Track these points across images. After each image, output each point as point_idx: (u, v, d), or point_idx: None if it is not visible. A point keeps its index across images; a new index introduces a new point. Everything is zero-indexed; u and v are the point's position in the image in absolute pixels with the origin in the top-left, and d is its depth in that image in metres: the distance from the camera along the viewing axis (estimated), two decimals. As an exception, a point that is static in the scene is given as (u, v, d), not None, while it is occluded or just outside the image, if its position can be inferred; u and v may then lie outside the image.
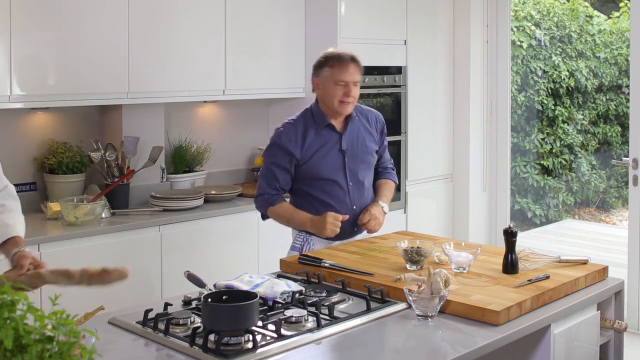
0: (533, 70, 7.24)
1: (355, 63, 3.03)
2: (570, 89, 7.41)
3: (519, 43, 7.06)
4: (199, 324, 2.06)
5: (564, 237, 7.22)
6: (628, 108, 5.60)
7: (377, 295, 2.34)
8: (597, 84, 7.51)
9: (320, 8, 4.55)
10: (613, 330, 2.60)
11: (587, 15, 7.61)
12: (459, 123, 5.33)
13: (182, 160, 4.36)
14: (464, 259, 2.58)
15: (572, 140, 7.44)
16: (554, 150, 7.36)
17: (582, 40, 7.49)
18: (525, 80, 7.23)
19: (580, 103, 7.51)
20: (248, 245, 4.08)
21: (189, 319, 2.12)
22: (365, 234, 3.17)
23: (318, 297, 2.32)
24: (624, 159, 4.67)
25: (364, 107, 3.26)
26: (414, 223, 4.88)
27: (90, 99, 3.78)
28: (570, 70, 7.37)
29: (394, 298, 2.33)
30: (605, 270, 2.64)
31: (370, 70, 4.64)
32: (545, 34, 7.33)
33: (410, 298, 2.20)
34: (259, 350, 1.91)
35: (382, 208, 3.12)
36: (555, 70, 7.30)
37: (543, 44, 7.36)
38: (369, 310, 2.23)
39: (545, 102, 7.32)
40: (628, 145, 4.77)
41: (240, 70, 4.31)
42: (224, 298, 2.03)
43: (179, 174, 4.32)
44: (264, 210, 3.09)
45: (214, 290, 2.30)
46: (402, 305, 2.29)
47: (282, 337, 2.00)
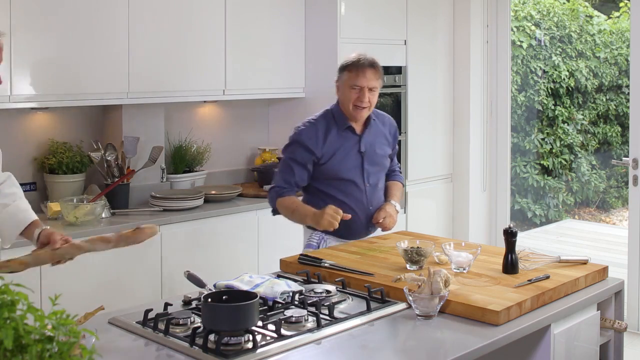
0: (533, 70, 7.24)
1: (373, 69, 3.09)
2: (570, 89, 7.41)
3: (519, 43, 7.06)
4: (199, 324, 2.06)
5: (564, 237, 7.22)
6: (628, 108, 5.60)
7: (377, 295, 2.34)
8: (597, 84, 7.51)
9: (320, 8, 4.55)
10: (613, 330, 2.60)
11: (587, 15, 7.61)
12: (459, 123, 5.33)
13: (182, 160, 4.36)
14: (464, 259, 2.58)
15: (572, 140, 7.44)
16: (554, 150, 7.37)
17: (582, 40, 7.49)
18: (525, 80, 7.23)
19: (580, 103, 7.51)
20: (248, 245, 4.08)
21: (189, 319, 2.11)
22: (379, 232, 3.25)
23: (318, 297, 2.32)
24: (624, 159, 4.67)
25: (379, 111, 3.34)
26: (414, 223, 4.88)
27: (90, 99, 3.78)
28: (570, 70, 7.37)
29: (394, 298, 2.33)
30: (605, 270, 2.64)
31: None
32: (545, 34, 7.33)
33: (410, 298, 2.20)
34: (259, 350, 1.91)
35: (395, 207, 3.22)
36: (555, 70, 7.31)
37: (543, 44, 7.36)
38: (369, 310, 2.23)
39: (545, 102, 7.32)
40: (628, 145, 4.77)
41: (240, 70, 4.31)
42: (224, 298, 2.03)
43: (179, 174, 4.32)
44: (273, 202, 3.13)
45: (214, 290, 2.30)
46: (402, 305, 2.29)
47: (282, 337, 2.00)
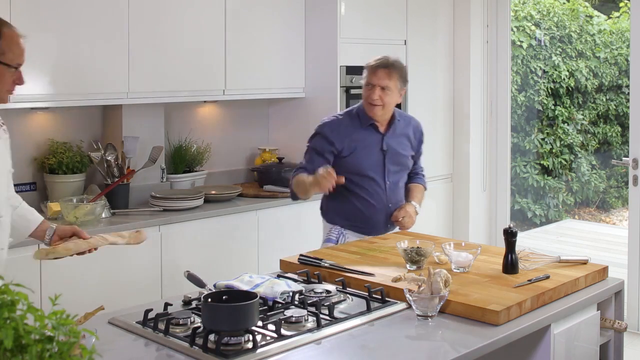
0: (533, 70, 7.24)
1: (386, 69, 3.20)
2: (570, 89, 7.41)
3: (519, 43, 7.06)
4: (199, 324, 2.06)
5: (564, 237, 7.22)
6: (628, 108, 5.60)
7: (377, 295, 2.34)
8: (597, 84, 7.51)
9: (320, 8, 4.55)
10: (613, 330, 2.60)
11: (587, 15, 7.61)
12: (459, 123, 5.33)
13: (182, 160, 4.36)
14: (464, 259, 2.58)
15: (572, 140, 7.44)
16: (554, 150, 7.37)
17: (582, 40, 7.49)
18: (525, 80, 7.23)
19: (580, 103, 7.52)
20: (248, 245, 4.07)
21: (189, 319, 2.12)
22: (397, 230, 3.35)
23: (318, 297, 2.32)
24: (624, 159, 4.67)
25: (407, 114, 3.48)
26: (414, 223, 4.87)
27: (90, 99, 3.78)
28: (570, 70, 7.37)
29: (394, 298, 2.33)
30: (605, 270, 2.64)
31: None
32: (545, 34, 7.34)
33: (410, 298, 2.20)
34: (259, 350, 1.91)
35: (415, 207, 3.33)
36: (555, 70, 7.31)
37: (543, 44, 7.36)
38: (369, 310, 2.23)
39: (545, 102, 7.32)
40: (628, 145, 4.77)
41: (240, 70, 4.31)
42: (224, 298, 2.03)
43: (179, 174, 4.32)
44: (291, 186, 3.27)
45: (214, 290, 2.30)
46: (402, 305, 2.29)
47: (282, 337, 2.00)
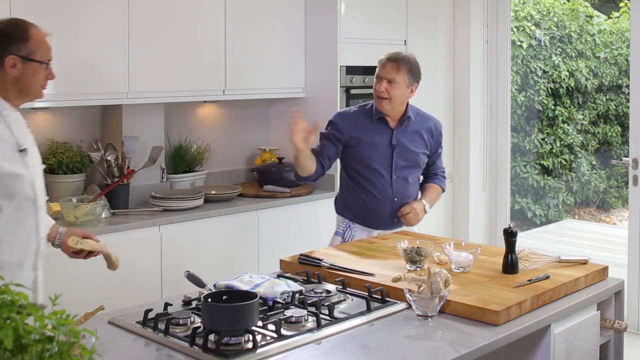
0: (533, 70, 7.24)
1: (394, 63, 3.27)
2: (570, 89, 7.41)
3: (519, 43, 7.06)
4: (199, 324, 2.06)
5: (564, 237, 7.22)
6: (628, 108, 5.60)
7: (377, 295, 2.34)
8: (597, 84, 7.51)
9: (320, 8, 4.55)
10: (613, 330, 2.60)
11: (587, 15, 7.61)
12: (459, 123, 5.33)
13: (182, 160, 4.36)
14: (464, 259, 2.58)
15: (572, 140, 7.44)
16: (554, 150, 7.37)
17: (582, 40, 7.49)
18: (525, 80, 7.23)
19: (580, 103, 7.52)
20: (248, 245, 4.07)
21: (189, 319, 2.12)
22: (404, 228, 3.37)
23: (318, 297, 2.32)
24: (624, 159, 4.67)
25: (427, 113, 3.49)
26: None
27: (90, 99, 3.78)
28: (570, 70, 7.37)
29: (394, 298, 2.33)
30: (605, 270, 2.65)
31: (371, 70, 4.63)
32: (545, 34, 7.34)
33: (410, 298, 2.20)
34: (259, 350, 1.91)
35: (424, 206, 3.35)
36: (555, 70, 7.31)
37: (543, 44, 7.36)
38: (369, 310, 2.23)
39: (545, 102, 7.32)
40: (628, 145, 4.77)
41: (240, 70, 4.31)
42: (224, 298, 2.03)
43: (179, 174, 4.32)
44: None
45: (214, 290, 2.30)
46: (402, 305, 2.29)
47: (282, 337, 2.00)
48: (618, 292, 2.62)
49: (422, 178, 3.51)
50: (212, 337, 1.94)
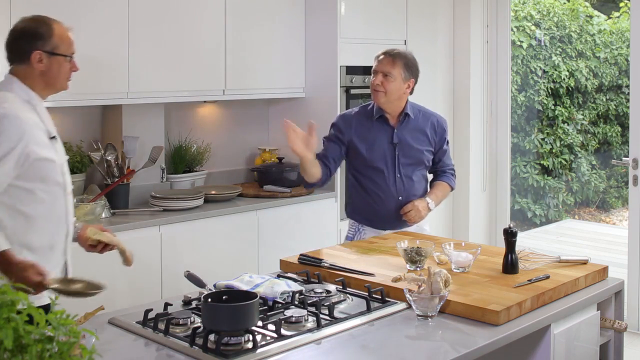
0: (533, 70, 7.24)
1: (390, 57, 3.28)
2: (570, 89, 7.41)
3: (519, 43, 7.06)
4: (199, 324, 2.06)
5: (564, 237, 7.22)
6: (628, 108, 5.60)
7: (377, 295, 2.34)
8: (597, 84, 7.51)
9: (320, 8, 4.55)
10: (613, 330, 2.60)
11: (587, 15, 7.62)
12: (459, 123, 5.33)
13: (182, 160, 4.36)
14: (464, 259, 2.58)
15: (572, 140, 7.44)
16: (554, 150, 7.37)
17: (582, 40, 7.49)
18: (525, 80, 7.23)
19: (580, 103, 7.52)
20: (248, 245, 4.07)
21: (189, 319, 2.12)
22: (412, 228, 3.36)
23: (318, 297, 2.32)
24: (624, 159, 4.67)
25: (429, 110, 3.46)
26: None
27: (90, 99, 3.78)
28: (570, 70, 7.37)
29: (394, 298, 2.33)
30: (605, 270, 2.65)
31: (371, 70, 4.63)
32: (545, 34, 7.34)
33: (410, 298, 2.20)
34: (259, 350, 1.91)
35: (427, 203, 3.33)
36: (555, 70, 7.31)
37: (543, 44, 7.36)
38: (369, 310, 2.23)
39: (545, 102, 7.32)
40: (628, 145, 4.77)
41: (240, 70, 4.31)
42: (224, 298, 2.03)
43: (179, 174, 4.32)
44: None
45: (214, 290, 2.30)
46: (402, 305, 2.29)
47: (282, 337, 2.00)
48: (618, 292, 2.62)
49: (430, 176, 3.49)
50: (212, 337, 1.94)
